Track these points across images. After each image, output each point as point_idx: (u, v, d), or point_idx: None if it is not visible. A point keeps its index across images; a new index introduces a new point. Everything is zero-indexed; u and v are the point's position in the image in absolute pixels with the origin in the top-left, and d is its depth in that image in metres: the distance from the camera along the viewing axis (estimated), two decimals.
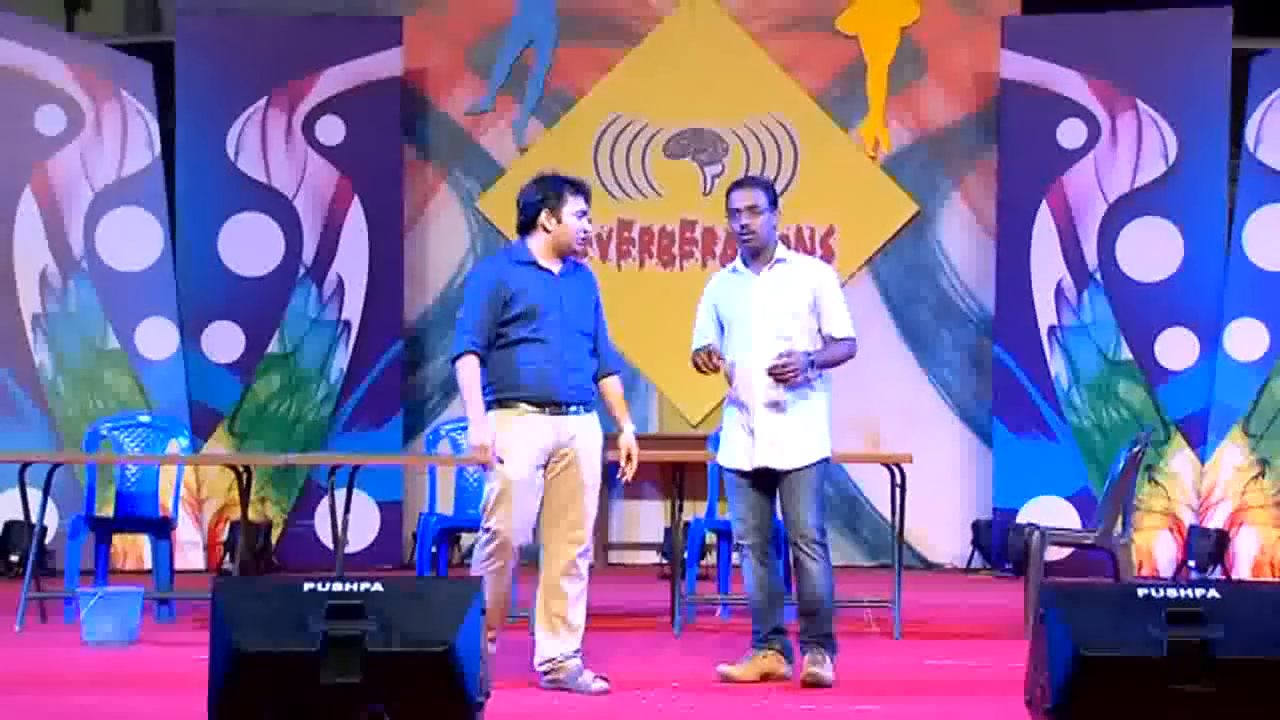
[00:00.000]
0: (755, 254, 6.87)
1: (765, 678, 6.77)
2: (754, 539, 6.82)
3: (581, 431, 6.72)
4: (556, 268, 6.75)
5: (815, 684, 6.63)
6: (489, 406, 6.65)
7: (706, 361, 6.75)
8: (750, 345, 6.76)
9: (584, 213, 6.76)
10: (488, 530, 6.68)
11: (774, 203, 6.90)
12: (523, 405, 6.63)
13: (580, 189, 6.80)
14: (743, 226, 6.83)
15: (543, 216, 6.74)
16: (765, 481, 6.80)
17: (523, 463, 6.62)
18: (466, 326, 6.70)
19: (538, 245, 6.75)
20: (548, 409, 6.65)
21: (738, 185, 6.94)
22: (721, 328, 6.89)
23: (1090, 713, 5.32)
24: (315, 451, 11.46)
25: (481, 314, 6.67)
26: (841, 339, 6.84)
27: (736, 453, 6.82)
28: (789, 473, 6.74)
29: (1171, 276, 11.58)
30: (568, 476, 6.70)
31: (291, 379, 11.86)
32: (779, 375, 6.67)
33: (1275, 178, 11.42)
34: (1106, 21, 11.80)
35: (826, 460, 6.83)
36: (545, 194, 6.77)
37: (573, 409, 6.69)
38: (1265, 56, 11.58)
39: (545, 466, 6.67)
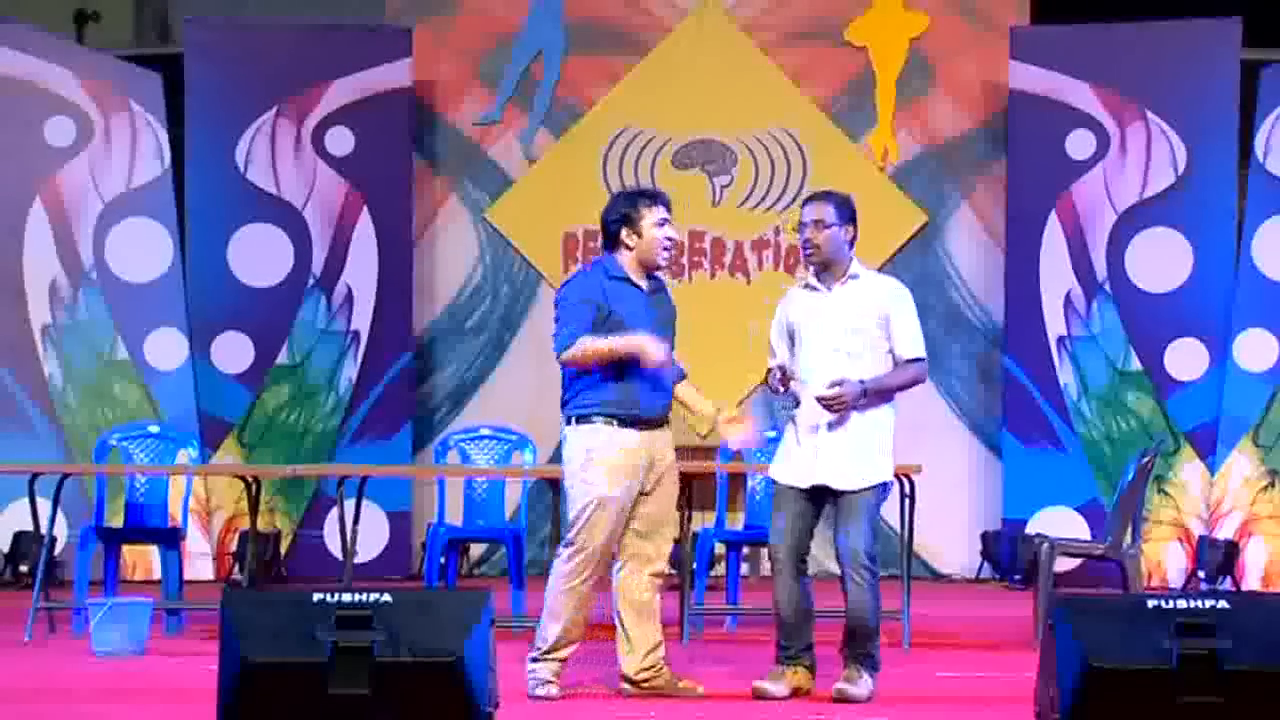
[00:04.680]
0: (825, 269, 6.73)
1: (794, 693, 6.68)
2: (791, 553, 6.68)
3: (667, 447, 6.78)
4: (645, 284, 6.72)
5: (844, 700, 6.56)
6: (582, 421, 6.63)
7: (781, 381, 6.62)
8: (817, 363, 6.63)
9: (665, 221, 6.69)
10: (572, 545, 6.62)
11: (847, 219, 6.73)
12: (616, 422, 6.61)
13: (658, 198, 6.74)
14: (805, 240, 6.71)
15: (624, 234, 6.69)
16: (816, 497, 6.68)
17: (619, 481, 6.61)
18: (571, 321, 6.58)
19: (626, 261, 6.70)
20: (639, 426, 6.64)
21: (809, 199, 6.82)
22: (792, 343, 6.77)
23: None
24: (324, 462, 11.47)
25: (582, 310, 6.58)
26: (910, 360, 6.70)
27: (794, 468, 6.69)
28: (846, 494, 6.62)
29: (1181, 287, 11.58)
30: (663, 490, 6.75)
31: (300, 390, 11.87)
32: (828, 406, 6.54)
33: None
34: (1115, 32, 11.80)
35: (886, 485, 6.72)
36: (623, 210, 6.70)
37: (659, 425, 6.72)
38: (1274, 67, 11.57)
39: (636, 484, 6.65)
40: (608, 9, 12.36)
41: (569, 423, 6.70)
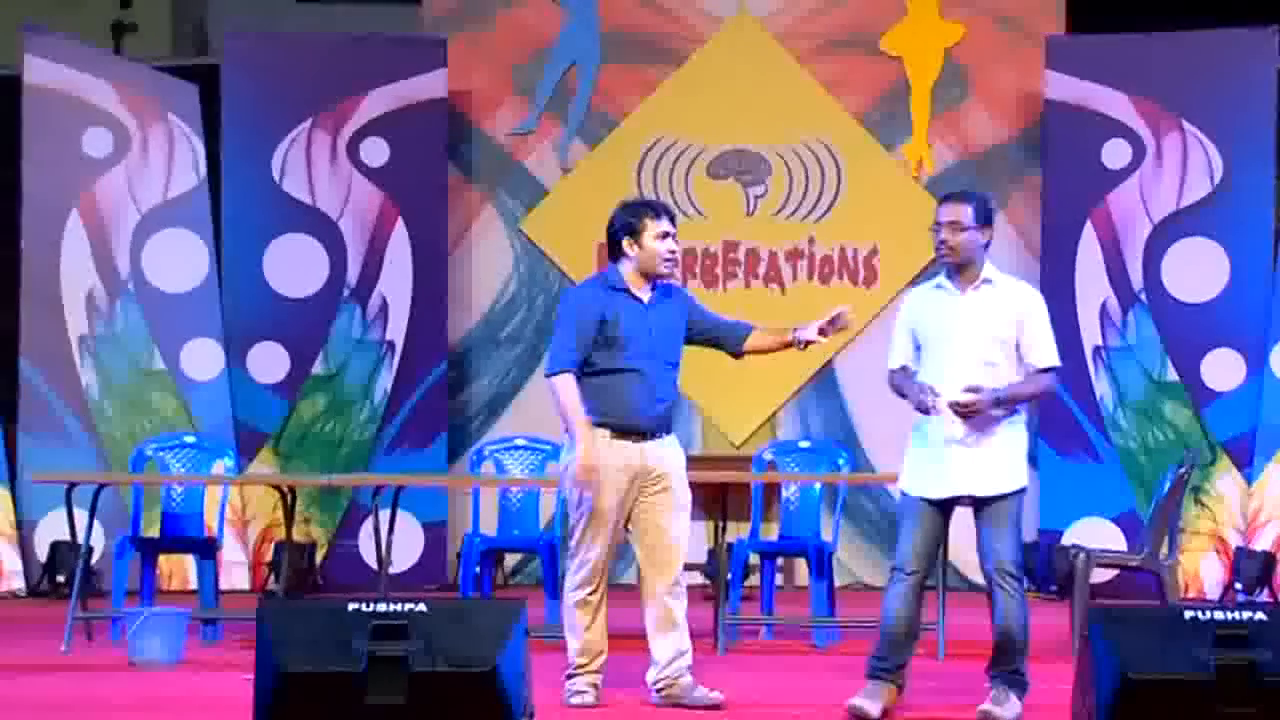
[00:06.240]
0: (958, 271, 6.55)
1: (885, 712, 6.55)
2: (918, 568, 6.56)
3: (668, 454, 6.78)
4: (646, 295, 6.77)
5: None
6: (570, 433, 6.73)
7: (920, 399, 6.45)
8: (951, 369, 6.46)
9: (667, 234, 6.76)
10: (575, 558, 6.71)
11: (984, 220, 6.54)
12: (610, 433, 6.67)
13: (661, 211, 6.83)
14: (941, 242, 6.53)
15: (625, 243, 6.77)
16: (947, 510, 6.56)
17: (610, 491, 6.66)
18: (564, 345, 6.73)
19: (627, 271, 6.78)
20: (634, 436, 6.68)
21: (945, 199, 6.62)
22: (918, 347, 6.62)
23: None
24: (359, 472, 11.48)
25: (577, 335, 6.70)
26: (1043, 370, 6.52)
27: (927, 479, 6.54)
28: (988, 501, 6.48)
29: (1217, 297, 11.52)
30: (664, 499, 6.74)
31: (336, 400, 11.89)
32: (962, 413, 6.39)
33: None
34: (1151, 42, 11.76)
35: (1024, 490, 6.56)
36: (625, 220, 6.79)
37: (655, 435, 6.74)
38: None
39: (631, 492, 6.69)
40: (642, 19, 12.37)
41: (567, 433, 6.76)
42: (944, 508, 6.56)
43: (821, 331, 6.79)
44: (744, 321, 7.05)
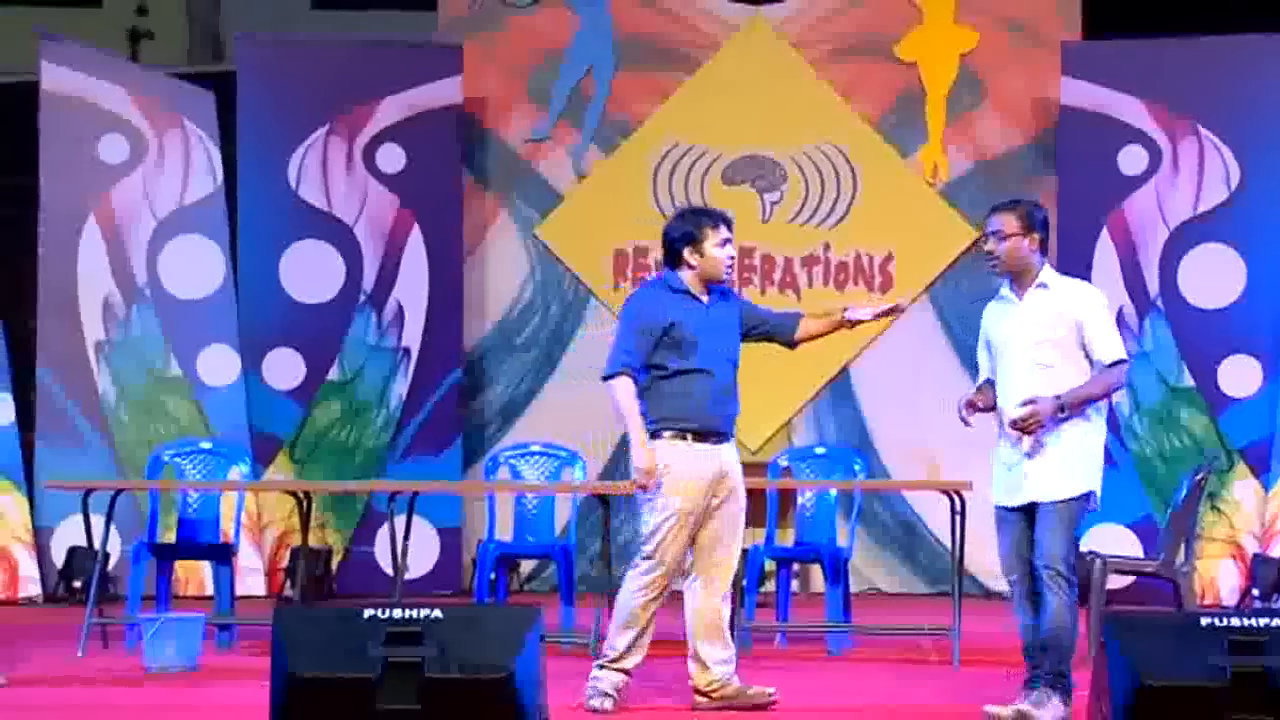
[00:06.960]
0: (1015, 279, 6.61)
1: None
2: (1020, 575, 6.59)
3: (734, 460, 6.84)
4: (705, 298, 6.83)
5: None
6: (656, 435, 6.73)
7: (969, 409, 6.56)
8: (1012, 376, 6.51)
9: (728, 241, 6.83)
10: (650, 559, 6.71)
11: (1031, 227, 6.57)
12: (689, 436, 6.71)
13: (721, 219, 6.89)
14: (986, 253, 6.63)
15: (686, 252, 6.81)
16: (1032, 515, 6.56)
17: (695, 494, 6.69)
18: (624, 348, 6.76)
19: (687, 278, 6.83)
20: (710, 439, 6.73)
21: (993, 209, 6.68)
22: (992, 357, 6.66)
23: None
24: (375, 478, 11.50)
25: (638, 338, 6.74)
26: (1110, 364, 6.48)
27: (1002, 489, 6.61)
28: (1046, 504, 6.48)
29: (1234, 303, 11.51)
30: (731, 504, 6.79)
31: (351, 406, 11.90)
32: (1023, 429, 6.42)
33: None
34: (1167, 48, 11.75)
35: (1089, 495, 6.50)
36: (686, 230, 6.84)
37: (727, 438, 6.80)
38: None
39: (707, 496, 6.72)
40: (657, 25, 12.38)
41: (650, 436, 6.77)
42: (1027, 513, 6.55)
43: (875, 316, 6.96)
44: (792, 311, 7.17)
